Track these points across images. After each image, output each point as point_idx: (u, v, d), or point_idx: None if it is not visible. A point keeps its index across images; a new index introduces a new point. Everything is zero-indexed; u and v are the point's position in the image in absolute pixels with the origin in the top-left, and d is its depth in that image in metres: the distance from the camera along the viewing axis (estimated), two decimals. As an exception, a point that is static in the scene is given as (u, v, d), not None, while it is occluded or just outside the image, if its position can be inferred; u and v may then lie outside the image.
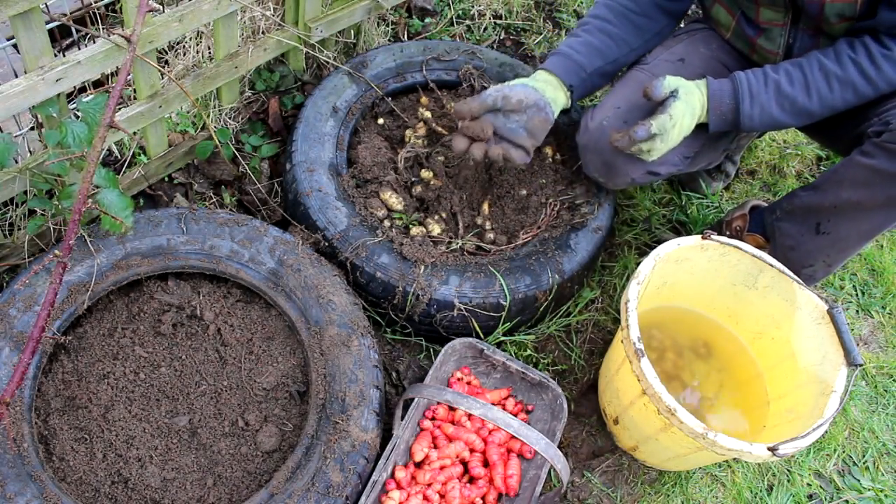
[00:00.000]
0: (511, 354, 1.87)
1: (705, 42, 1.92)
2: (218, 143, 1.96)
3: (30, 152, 1.85)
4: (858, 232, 1.70)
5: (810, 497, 1.87)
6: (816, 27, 1.70)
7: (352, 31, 2.28)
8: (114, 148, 1.99)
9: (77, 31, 2.11)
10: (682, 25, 2.05)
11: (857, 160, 1.62)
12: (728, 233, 2.08)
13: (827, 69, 1.61)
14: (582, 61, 1.82)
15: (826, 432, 1.95)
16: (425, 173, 1.97)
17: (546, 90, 1.78)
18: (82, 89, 2.05)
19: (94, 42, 1.59)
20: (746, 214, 2.05)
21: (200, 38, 2.08)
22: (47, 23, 1.49)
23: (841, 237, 1.72)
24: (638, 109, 1.77)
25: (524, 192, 2.01)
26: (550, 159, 2.08)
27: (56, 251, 1.44)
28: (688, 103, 1.65)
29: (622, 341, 1.55)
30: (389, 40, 2.46)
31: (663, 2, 1.86)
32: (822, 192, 1.72)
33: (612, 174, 1.83)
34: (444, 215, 1.93)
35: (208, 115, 2.04)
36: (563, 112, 1.88)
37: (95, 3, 1.95)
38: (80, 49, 1.60)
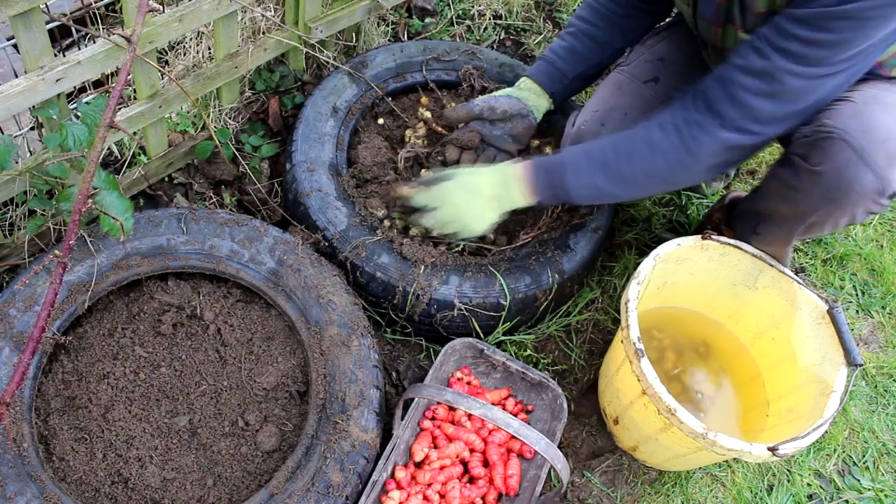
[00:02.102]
0: (511, 354, 1.87)
1: (686, 39, 1.93)
2: (218, 143, 1.96)
3: (30, 153, 1.85)
4: (779, 237, 1.72)
5: (810, 497, 1.87)
6: None
7: (352, 32, 2.28)
8: (114, 148, 1.99)
9: (77, 31, 2.11)
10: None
11: (775, 169, 1.64)
12: (709, 226, 2.10)
13: (648, 138, 1.54)
14: (564, 68, 1.91)
15: (826, 432, 1.95)
16: (425, 173, 1.97)
17: (529, 99, 1.92)
18: (82, 89, 2.05)
19: (94, 42, 1.59)
20: (725, 207, 2.08)
21: (200, 38, 2.08)
22: (47, 23, 1.49)
23: (769, 241, 1.75)
24: (615, 111, 1.80)
25: (524, 192, 2.01)
26: (550, 159, 2.08)
27: (56, 251, 1.44)
28: (465, 187, 1.66)
29: (622, 341, 1.55)
30: (389, 40, 2.46)
31: (643, 5, 1.87)
32: (757, 197, 1.76)
33: None
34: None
35: (208, 115, 2.04)
36: (552, 112, 1.99)
37: (95, 3, 1.95)
38: (80, 49, 1.60)
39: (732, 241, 1.70)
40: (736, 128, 1.46)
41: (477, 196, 1.67)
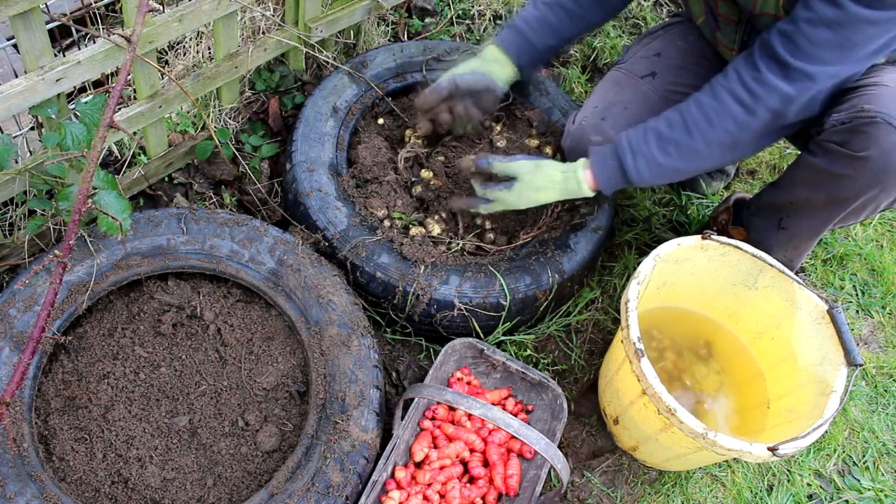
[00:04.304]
0: (511, 354, 1.87)
1: (682, 35, 1.93)
2: (218, 143, 1.96)
3: (29, 152, 1.85)
4: (809, 228, 1.75)
5: (810, 497, 1.87)
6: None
7: (352, 32, 2.28)
8: (114, 148, 1.99)
9: (77, 31, 2.11)
10: (660, 21, 2.07)
11: (804, 159, 1.65)
12: (715, 227, 2.11)
13: (702, 104, 1.57)
14: (533, 39, 1.87)
15: (826, 432, 1.95)
16: (425, 173, 1.97)
17: (494, 71, 1.89)
18: (82, 89, 2.05)
19: (94, 42, 1.59)
20: (731, 208, 2.09)
21: (200, 38, 2.08)
22: (47, 23, 1.49)
23: (795, 233, 1.78)
24: (615, 105, 1.80)
25: (524, 192, 2.01)
26: (550, 159, 2.07)
27: (56, 251, 1.44)
28: (531, 185, 1.70)
29: (622, 341, 1.55)
30: (389, 40, 2.46)
31: None
32: (781, 190, 1.77)
33: None
34: (444, 215, 1.93)
35: (208, 115, 2.04)
36: (519, 84, 2.01)
37: (95, 3, 1.95)
38: (80, 49, 1.60)
39: (732, 241, 1.70)
40: (796, 79, 1.47)
41: (553, 182, 1.70)
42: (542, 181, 1.70)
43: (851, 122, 1.49)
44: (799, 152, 1.82)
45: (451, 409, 1.74)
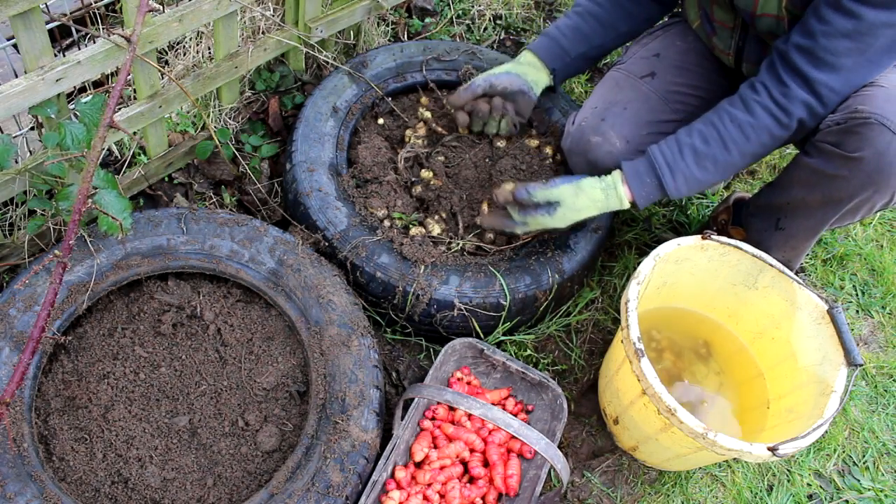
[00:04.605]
0: (511, 354, 1.87)
1: (681, 35, 1.95)
2: (218, 143, 1.96)
3: (29, 152, 1.85)
4: (806, 228, 1.75)
5: (810, 497, 1.87)
6: (760, 37, 1.71)
7: (352, 32, 2.28)
8: (114, 148, 1.99)
9: (77, 31, 2.11)
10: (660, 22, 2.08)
11: (800, 159, 1.66)
12: (715, 227, 2.11)
13: (738, 119, 1.59)
14: (567, 46, 1.91)
15: (826, 432, 1.95)
16: (425, 173, 1.97)
17: (528, 73, 1.93)
18: (82, 89, 2.05)
19: (94, 42, 1.59)
20: (730, 208, 2.10)
21: (200, 38, 2.08)
22: (47, 23, 1.49)
23: (793, 233, 1.78)
24: (615, 106, 1.81)
25: (524, 192, 2.01)
26: (551, 160, 2.07)
27: (56, 251, 1.44)
28: (573, 207, 1.69)
29: (622, 341, 1.55)
30: (389, 40, 2.46)
31: None
32: (778, 190, 1.78)
33: (596, 173, 1.85)
34: (444, 215, 1.93)
35: (208, 115, 2.04)
36: (550, 89, 2.01)
37: (95, 3, 1.95)
38: (80, 49, 1.60)
39: (732, 241, 1.70)
40: (823, 93, 1.51)
41: (594, 201, 1.70)
42: (583, 202, 1.69)
43: (846, 123, 1.50)
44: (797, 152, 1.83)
45: (451, 409, 1.74)
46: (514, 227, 1.76)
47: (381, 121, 2.10)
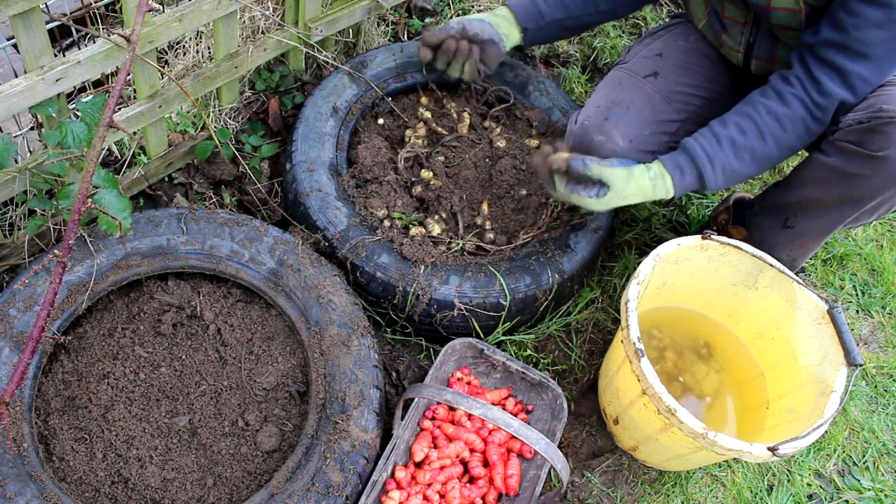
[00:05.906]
0: (511, 354, 1.87)
1: (684, 35, 1.95)
2: (218, 143, 1.96)
3: (30, 152, 1.85)
4: (818, 227, 1.75)
5: (810, 497, 1.87)
6: (773, 32, 1.71)
7: (352, 31, 2.28)
8: (114, 148, 1.99)
9: (77, 31, 2.11)
10: (661, 22, 2.08)
11: (816, 158, 1.66)
12: (715, 227, 2.11)
13: (774, 111, 1.60)
14: (544, 10, 1.94)
15: (826, 432, 1.95)
16: (425, 173, 1.97)
17: (501, 25, 1.95)
18: (82, 89, 2.05)
19: (94, 42, 1.59)
20: (730, 207, 2.09)
21: (200, 38, 2.08)
22: (47, 23, 1.49)
23: (803, 232, 1.78)
24: (618, 105, 1.80)
25: (524, 191, 2.01)
26: (550, 159, 2.08)
27: (56, 251, 1.44)
28: (621, 194, 1.66)
29: (622, 341, 1.55)
30: (389, 40, 2.46)
31: None
32: (789, 189, 1.78)
33: None
34: (444, 215, 1.93)
35: (208, 115, 2.04)
36: (518, 49, 2.04)
37: (95, 3, 1.95)
38: (80, 49, 1.60)
39: (732, 241, 1.70)
40: (857, 85, 1.53)
41: (641, 190, 1.69)
42: (632, 190, 1.67)
43: (870, 122, 1.50)
44: (805, 152, 1.83)
45: (451, 409, 1.74)
46: (553, 192, 1.72)
47: (381, 121, 2.10)
